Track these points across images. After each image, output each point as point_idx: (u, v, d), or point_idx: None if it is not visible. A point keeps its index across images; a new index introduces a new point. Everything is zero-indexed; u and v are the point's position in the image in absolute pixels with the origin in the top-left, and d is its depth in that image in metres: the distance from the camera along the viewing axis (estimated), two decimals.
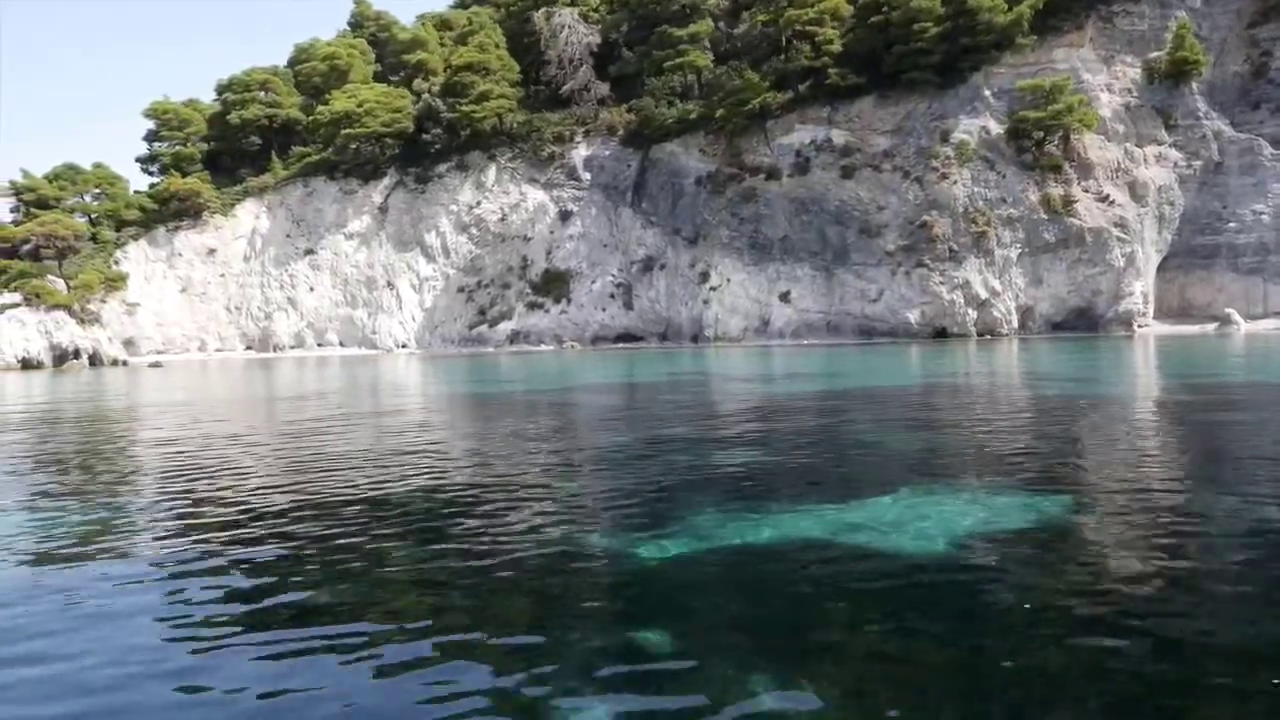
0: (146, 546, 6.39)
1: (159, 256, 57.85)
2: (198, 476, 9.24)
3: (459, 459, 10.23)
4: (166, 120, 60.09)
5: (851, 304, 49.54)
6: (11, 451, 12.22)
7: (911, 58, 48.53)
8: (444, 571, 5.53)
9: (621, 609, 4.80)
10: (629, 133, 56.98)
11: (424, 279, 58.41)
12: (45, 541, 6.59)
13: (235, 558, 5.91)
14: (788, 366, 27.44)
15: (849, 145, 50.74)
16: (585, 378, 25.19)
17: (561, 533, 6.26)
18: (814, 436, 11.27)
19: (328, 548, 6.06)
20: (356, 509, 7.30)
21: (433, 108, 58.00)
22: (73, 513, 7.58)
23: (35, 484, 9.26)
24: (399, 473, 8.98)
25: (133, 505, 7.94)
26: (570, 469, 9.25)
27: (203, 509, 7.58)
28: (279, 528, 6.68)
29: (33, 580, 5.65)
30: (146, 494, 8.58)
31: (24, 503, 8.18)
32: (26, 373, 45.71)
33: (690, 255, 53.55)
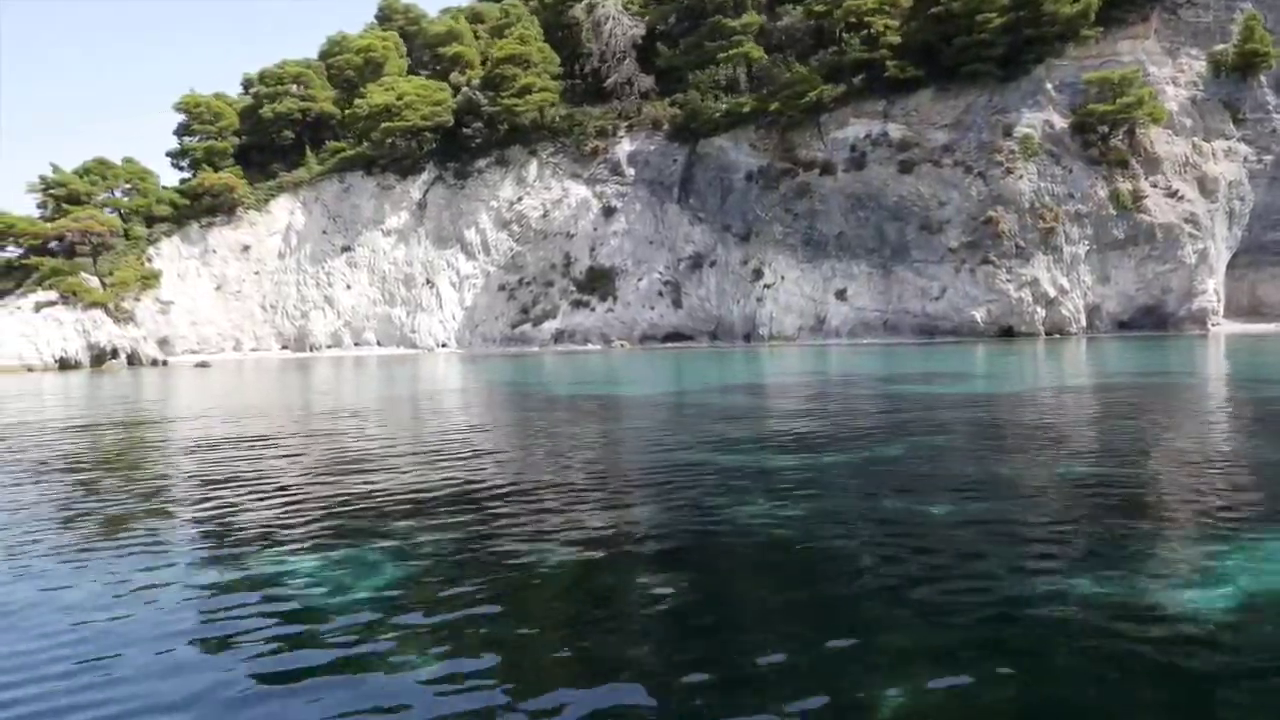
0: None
1: (192, 253, 56.34)
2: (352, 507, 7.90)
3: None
4: (198, 114, 58.55)
5: (911, 302, 48.29)
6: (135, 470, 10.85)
7: (973, 49, 47.26)
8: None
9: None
10: (675, 127, 55.64)
11: (464, 276, 57.02)
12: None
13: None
14: (891, 367, 26.09)
15: (906, 139, 49.49)
16: (691, 381, 23.74)
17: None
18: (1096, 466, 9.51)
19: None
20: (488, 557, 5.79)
21: (473, 101, 56.59)
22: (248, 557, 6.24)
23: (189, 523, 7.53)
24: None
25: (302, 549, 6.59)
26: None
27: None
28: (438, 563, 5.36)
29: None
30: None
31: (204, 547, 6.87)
32: (65, 373, 44.23)
33: (742, 252, 52.25)
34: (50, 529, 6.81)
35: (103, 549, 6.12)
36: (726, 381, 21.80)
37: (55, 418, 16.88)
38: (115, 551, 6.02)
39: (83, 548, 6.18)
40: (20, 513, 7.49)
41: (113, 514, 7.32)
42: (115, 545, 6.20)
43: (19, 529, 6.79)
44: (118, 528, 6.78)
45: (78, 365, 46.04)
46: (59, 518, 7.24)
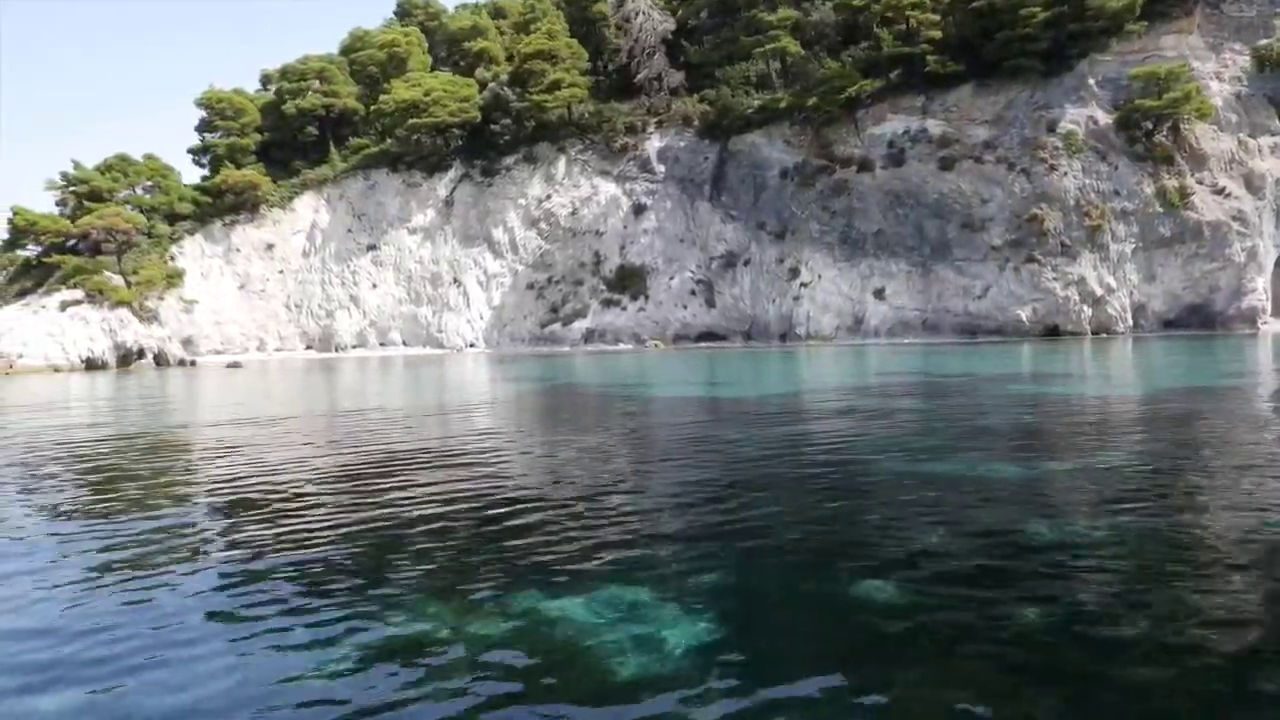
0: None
1: (215, 252, 55.38)
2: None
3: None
4: (220, 110, 57.56)
5: (951, 301, 47.53)
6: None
7: (1016, 44, 46.54)
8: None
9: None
10: (705, 123, 54.83)
11: (491, 275, 56.13)
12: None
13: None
14: (971, 366, 25.23)
15: (946, 136, 48.73)
16: (790, 382, 22.86)
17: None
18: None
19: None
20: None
21: (501, 97, 55.74)
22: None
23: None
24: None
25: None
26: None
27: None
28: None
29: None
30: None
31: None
32: (91, 374, 43.26)
33: (777, 250, 51.45)
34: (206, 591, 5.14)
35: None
36: (824, 383, 20.96)
37: (118, 432, 15.96)
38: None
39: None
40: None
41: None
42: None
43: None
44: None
45: (104, 366, 45.05)
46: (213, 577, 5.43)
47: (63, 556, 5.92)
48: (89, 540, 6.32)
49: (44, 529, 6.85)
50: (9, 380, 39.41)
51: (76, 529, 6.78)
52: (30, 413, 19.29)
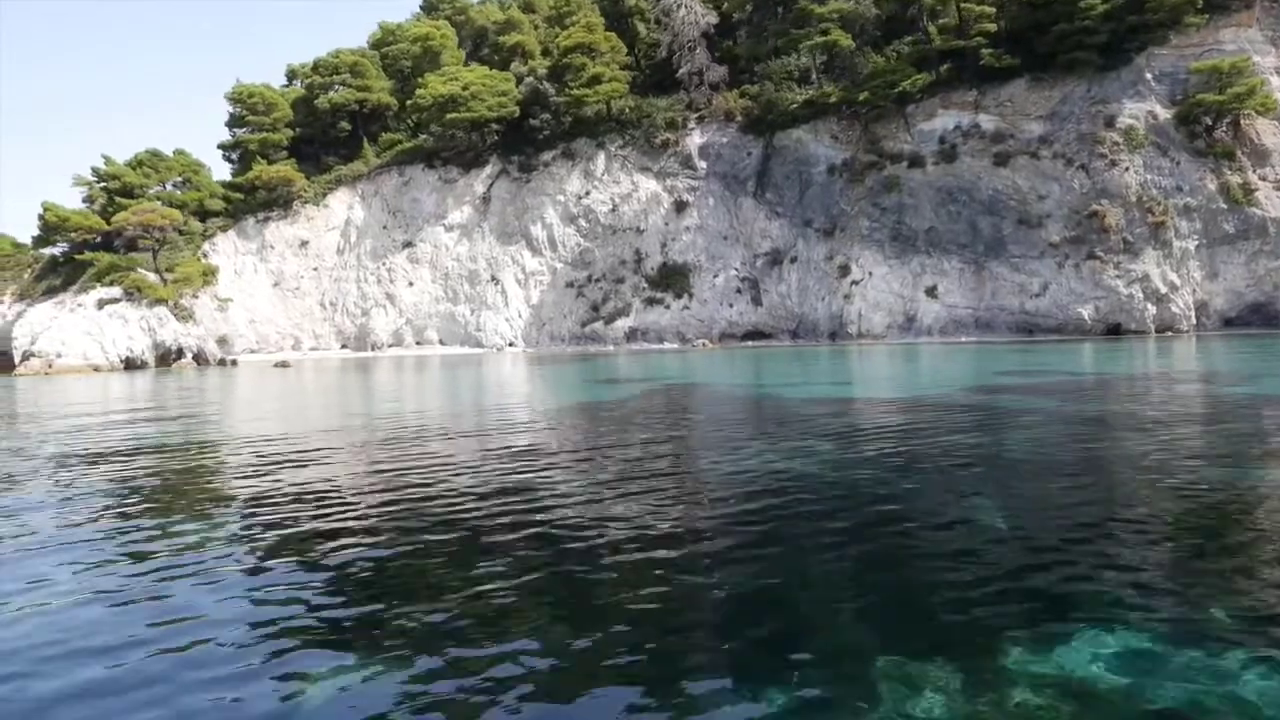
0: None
1: (249, 249, 54.22)
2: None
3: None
4: (252, 105, 56.33)
5: (1007, 299, 46.62)
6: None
7: (1073, 37, 45.64)
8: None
9: None
10: (749, 119, 53.82)
11: (530, 273, 55.06)
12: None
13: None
14: (1103, 364, 24.31)
15: (1000, 131, 47.83)
16: (919, 382, 21.80)
17: None
18: None
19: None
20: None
21: (540, 91, 54.66)
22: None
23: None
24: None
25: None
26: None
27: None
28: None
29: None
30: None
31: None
32: (131, 373, 42.13)
33: (825, 248, 50.50)
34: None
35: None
36: (956, 382, 19.95)
37: (214, 441, 14.87)
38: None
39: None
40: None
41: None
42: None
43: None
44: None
45: (143, 365, 43.93)
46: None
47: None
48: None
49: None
50: (49, 381, 38.26)
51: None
52: (100, 416, 18.17)
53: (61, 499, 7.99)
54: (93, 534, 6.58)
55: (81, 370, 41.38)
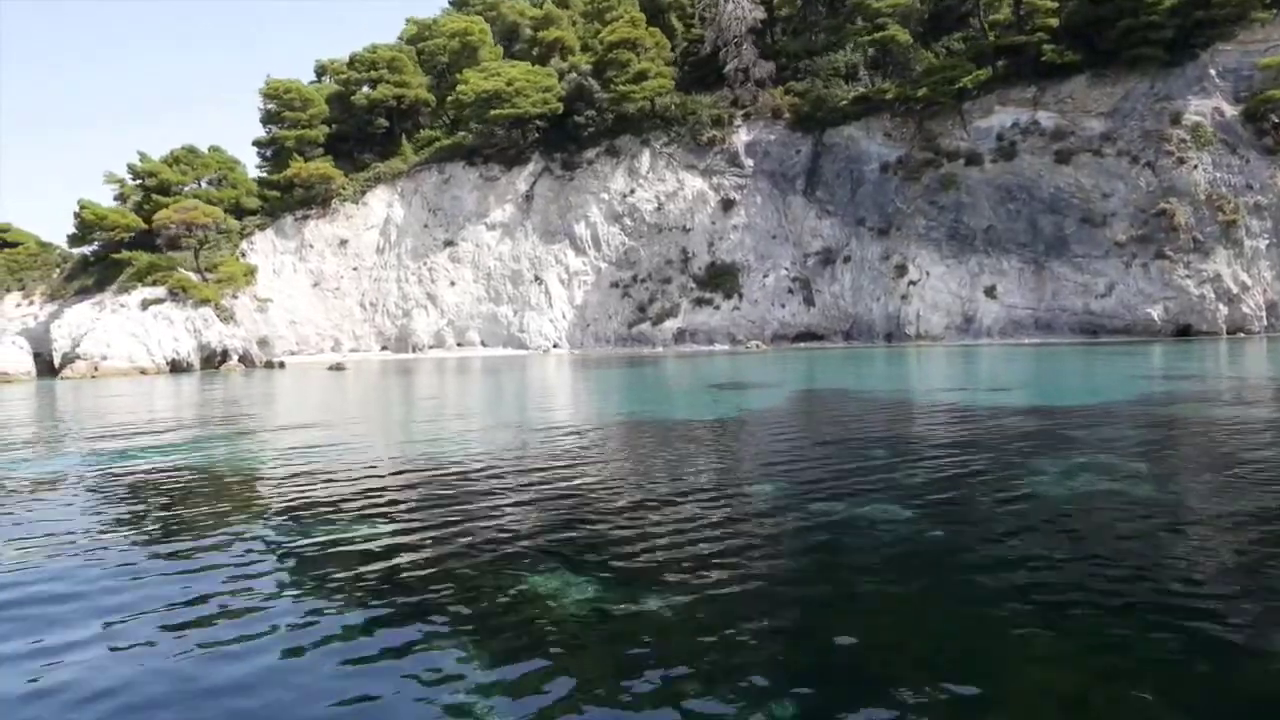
0: None
1: (287, 248, 52.98)
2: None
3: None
4: (288, 101, 55.01)
5: (1069, 299, 45.73)
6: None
7: (1139, 33, 44.79)
8: None
9: None
10: (797, 116, 52.81)
11: (573, 273, 53.96)
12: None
13: None
14: (1242, 368, 23.30)
15: (1061, 128, 46.95)
16: (1085, 387, 20.65)
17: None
18: None
19: None
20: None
21: (584, 87, 53.56)
22: None
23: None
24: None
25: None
26: None
27: None
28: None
29: None
30: None
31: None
32: (177, 376, 40.90)
33: (880, 247, 49.54)
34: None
35: None
36: (1129, 387, 18.93)
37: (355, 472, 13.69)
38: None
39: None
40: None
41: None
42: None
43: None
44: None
45: (189, 368, 42.68)
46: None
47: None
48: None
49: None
50: (98, 384, 37.02)
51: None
52: (197, 428, 17.00)
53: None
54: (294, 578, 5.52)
55: (128, 373, 40.12)
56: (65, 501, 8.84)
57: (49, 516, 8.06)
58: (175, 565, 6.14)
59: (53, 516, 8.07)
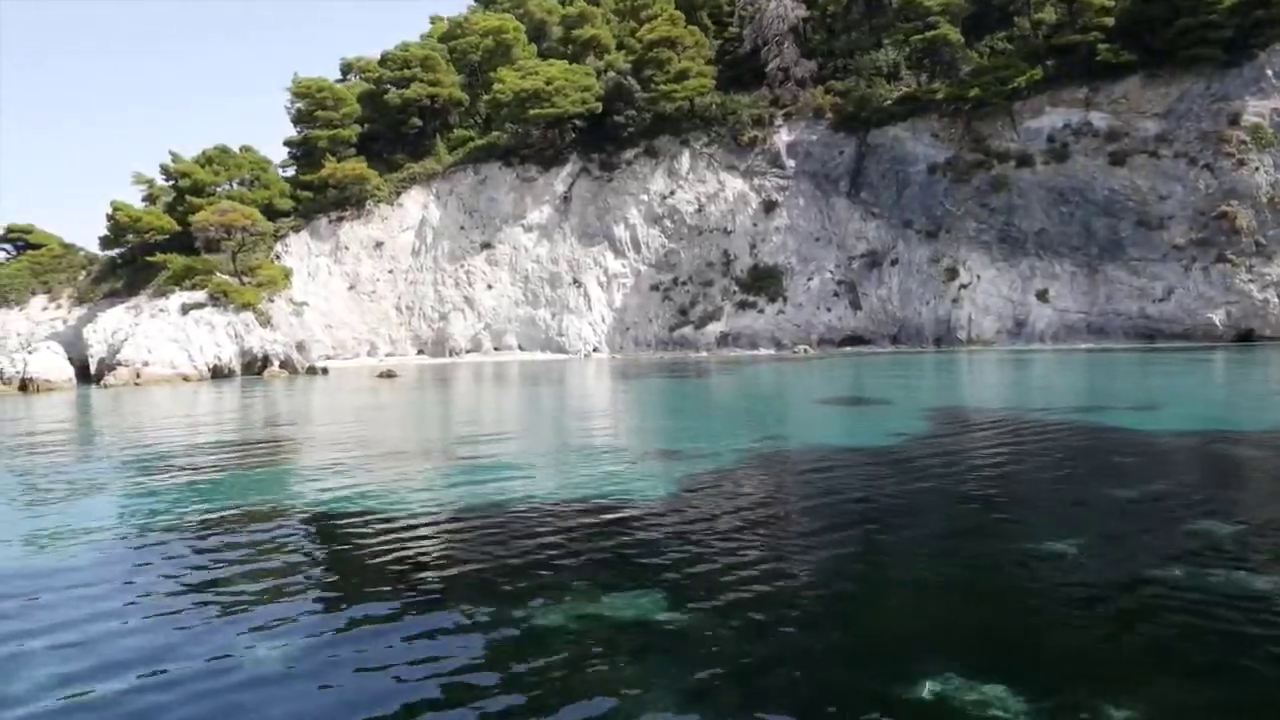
0: None
1: (321, 250, 51.98)
2: None
3: None
4: (320, 99, 53.88)
5: (1124, 303, 44.98)
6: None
7: (1196, 32, 44.00)
8: None
9: None
10: (840, 116, 51.92)
11: (612, 275, 53.04)
12: None
13: None
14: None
15: (1114, 129, 46.17)
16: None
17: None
18: None
19: None
20: None
21: (624, 86, 52.61)
22: None
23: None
24: None
25: None
26: None
27: None
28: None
29: None
30: None
31: None
32: (218, 383, 39.90)
33: (929, 250, 48.71)
34: None
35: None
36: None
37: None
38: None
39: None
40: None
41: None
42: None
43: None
44: None
45: (230, 373, 41.68)
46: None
47: None
48: None
49: None
50: (142, 393, 36.02)
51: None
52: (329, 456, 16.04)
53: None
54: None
55: (170, 380, 39.12)
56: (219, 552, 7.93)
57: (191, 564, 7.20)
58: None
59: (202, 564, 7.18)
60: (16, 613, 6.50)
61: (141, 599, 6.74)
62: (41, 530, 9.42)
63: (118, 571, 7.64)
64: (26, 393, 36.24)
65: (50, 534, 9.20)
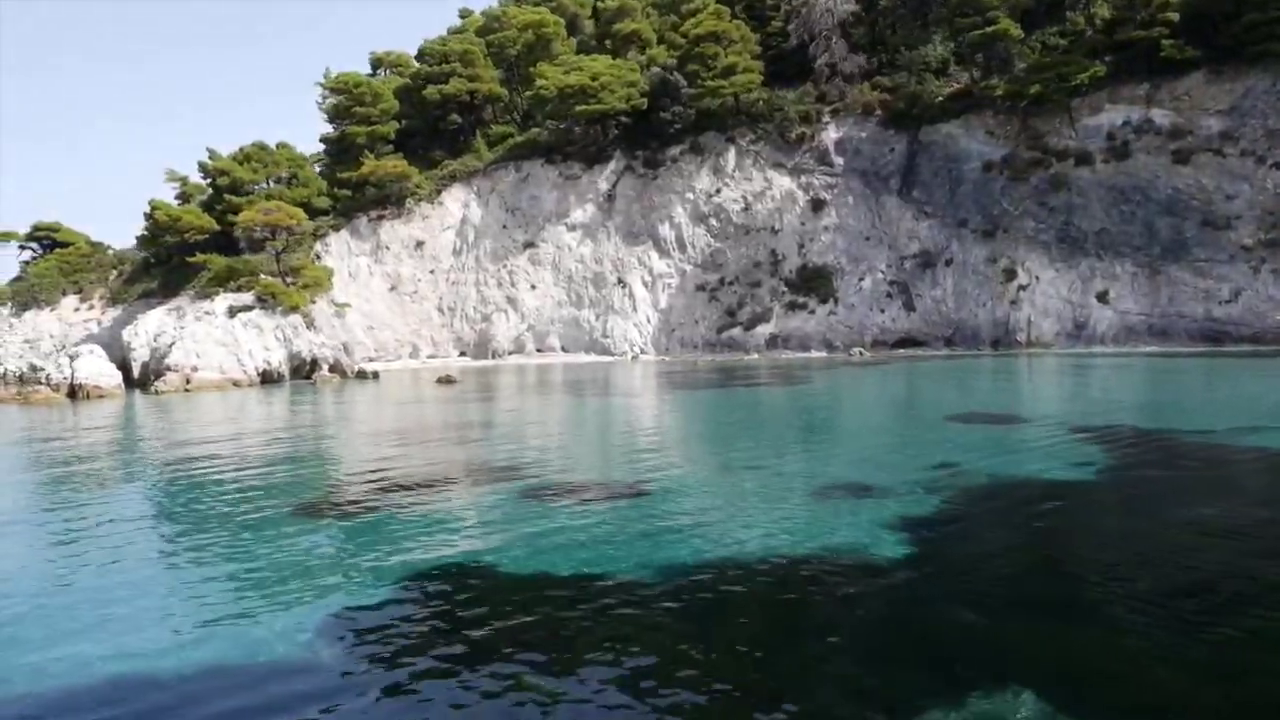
0: None
1: (362, 250, 50.87)
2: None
3: None
4: (358, 95, 52.63)
5: (1187, 305, 44.07)
6: None
7: (1265, 28, 42.99)
8: None
9: None
10: (890, 112, 50.87)
11: (657, 275, 52.02)
12: None
13: None
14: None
15: (1177, 126, 45.17)
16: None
17: None
18: None
19: None
20: None
21: (670, 82, 51.48)
22: None
23: None
24: None
25: None
26: None
27: None
28: None
29: None
30: None
31: None
32: (268, 388, 38.86)
33: (985, 250, 47.75)
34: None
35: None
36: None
37: None
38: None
39: None
40: None
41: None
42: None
43: None
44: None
45: (279, 378, 40.65)
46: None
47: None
48: None
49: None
50: (196, 400, 34.98)
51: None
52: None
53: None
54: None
55: (221, 385, 38.06)
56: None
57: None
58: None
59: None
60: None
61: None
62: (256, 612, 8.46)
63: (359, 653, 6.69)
64: (76, 400, 35.22)
65: (277, 633, 8.24)
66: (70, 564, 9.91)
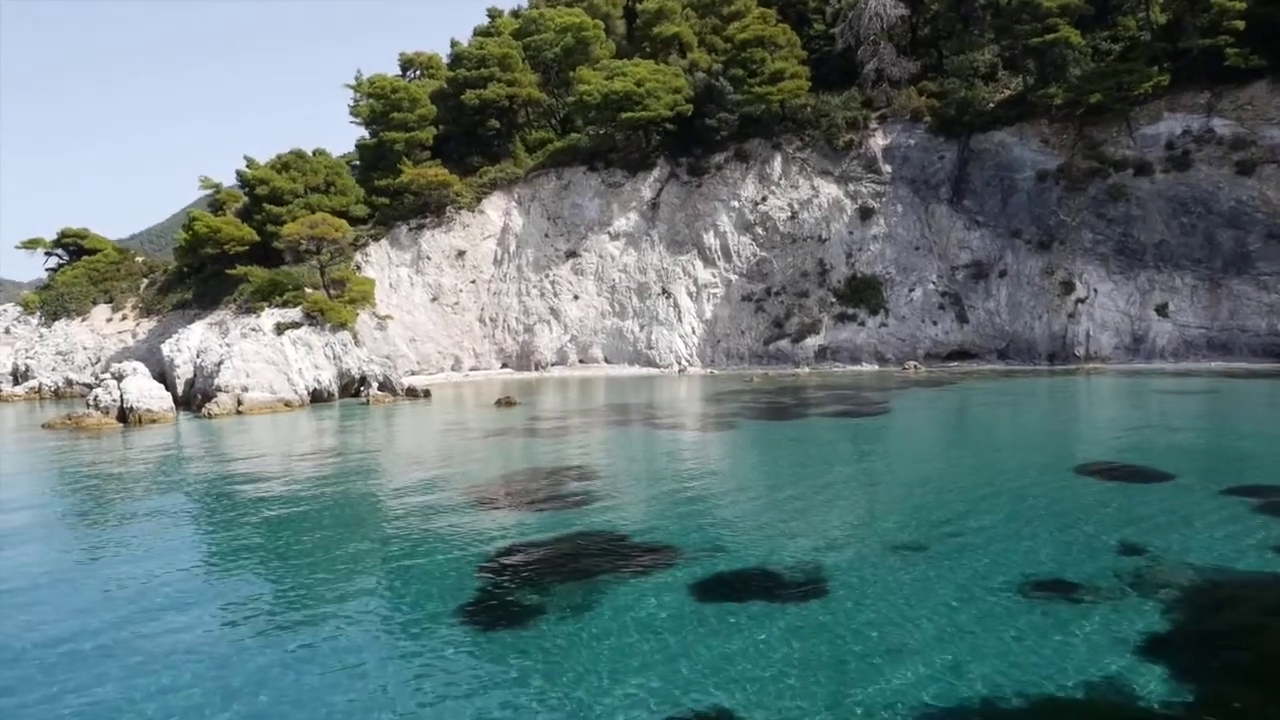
0: None
1: (403, 260, 49.84)
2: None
3: None
4: (395, 100, 51.38)
5: (1250, 319, 43.27)
6: None
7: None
8: None
9: None
10: (940, 119, 49.87)
11: (702, 285, 51.08)
12: None
13: None
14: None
15: (1240, 137, 44.24)
16: None
17: None
18: None
19: None
20: None
21: (714, 88, 50.39)
22: None
23: None
24: None
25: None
26: None
27: None
28: None
29: None
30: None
31: None
32: (318, 409, 37.93)
33: (1041, 261, 46.86)
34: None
35: None
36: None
37: None
38: None
39: None
40: None
41: None
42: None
43: None
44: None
45: (329, 398, 39.70)
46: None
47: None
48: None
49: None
50: (254, 424, 34.01)
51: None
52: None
53: None
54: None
55: (272, 406, 37.13)
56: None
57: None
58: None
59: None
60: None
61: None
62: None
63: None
64: (128, 425, 34.21)
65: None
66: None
